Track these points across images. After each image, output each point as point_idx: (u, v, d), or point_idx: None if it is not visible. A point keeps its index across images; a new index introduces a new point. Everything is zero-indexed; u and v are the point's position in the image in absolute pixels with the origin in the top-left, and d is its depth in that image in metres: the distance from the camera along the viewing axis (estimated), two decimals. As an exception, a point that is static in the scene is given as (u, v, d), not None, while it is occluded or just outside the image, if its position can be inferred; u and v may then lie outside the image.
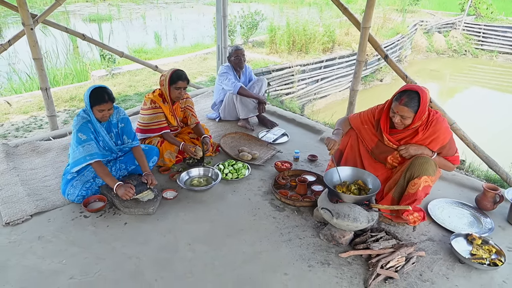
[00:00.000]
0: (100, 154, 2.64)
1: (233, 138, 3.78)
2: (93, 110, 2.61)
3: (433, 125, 2.34)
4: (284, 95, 8.38)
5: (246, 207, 2.74)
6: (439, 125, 2.34)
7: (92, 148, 2.59)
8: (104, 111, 2.61)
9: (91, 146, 2.59)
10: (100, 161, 2.62)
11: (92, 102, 2.57)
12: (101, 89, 2.60)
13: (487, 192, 2.71)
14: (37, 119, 4.86)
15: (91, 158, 2.57)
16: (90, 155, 2.57)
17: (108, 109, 2.62)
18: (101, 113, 2.61)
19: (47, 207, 2.65)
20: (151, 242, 2.36)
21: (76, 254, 2.24)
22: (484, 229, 2.54)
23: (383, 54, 3.52)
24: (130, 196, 2.57)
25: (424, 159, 2.33)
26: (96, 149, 2.61)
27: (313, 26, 9.90)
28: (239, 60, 4.01)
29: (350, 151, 2.69)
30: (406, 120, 2.32)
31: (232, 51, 4.05)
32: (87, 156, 2.56)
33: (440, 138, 2.36)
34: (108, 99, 2.59)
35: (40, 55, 3.62)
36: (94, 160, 2.57)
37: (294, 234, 2.45)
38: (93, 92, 2.58)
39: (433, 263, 2.24)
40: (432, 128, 2.34)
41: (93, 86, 2.62)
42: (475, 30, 15.17)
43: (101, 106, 2.57)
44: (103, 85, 2.67)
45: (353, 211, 2.25)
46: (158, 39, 11.50)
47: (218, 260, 2.22)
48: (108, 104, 2.60)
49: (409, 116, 2.29)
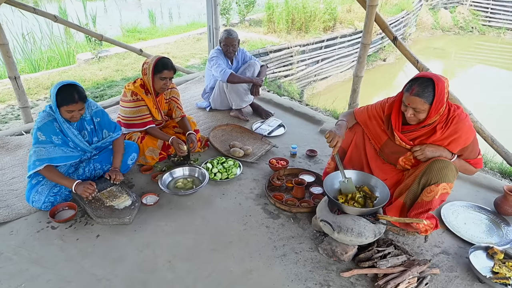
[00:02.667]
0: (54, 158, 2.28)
1: (224, 131, 3.43)
2: (60, 110, 2.26)
3: (454, 123, 1.97)
4: (282, 78, 7.95)
5: (236, 214, 2.43)
6: (462, 123, 1.97)
7: (44, 152, 2.25)
8: (74, 112, 2.27)
9: (44, 149, 2.26)
10: (49, 166, 2.27)
11: (59, 102, 2.22)
12: (70, 87, 2.25)
13: (508, 195, 2.39)
14: (14, 108, 4.51)
15: (40, 164, 2.23)
16: (39, 159, 2.24)
17: (78, 109, 2.28)
18: (70, 114, 2.27)
19: (11, 217, 2.35)
20: (125, 259, 2.06)
21: (38, 275, 1.94)
22: (505, 239, 2.24)
23: (392, 36, 3.12)
24: (90, 193, 2.32)
25: (443, 163, 1.98)
26: (48, 154, 2.26)
27: (313, 3, 9.35)
28: (226, 50, 3.60)
29: (354, 150, 2.34)
30: (420, 114, 1.96)
31: (222, 37, 3.62)
32: (36, 161, 2.24)
33: (462, 139, 2.00)
34: (78, 99, 2.24)
35: (5, 41, 3.21)
36: (42, 166, 2.24)
37: (290, 248, 2.15)
38: (60, 90, 2.22)
39: (449, 283, 1.94)
40: (453, 126, 1.98)
41: (61, 83, 2.25)
42: (483, 6, 14.48)
43: (69, 106, 2.23)
44: (73, 82, 2.31)
45: (358, 224, 1.94)
46: (152, 17, 10.93)
47: (201, 281, 1.93)
48: (78, 105, 2.25)
49: (423, 108, 1.93)
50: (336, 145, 2.05)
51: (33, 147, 2.25)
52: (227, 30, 3.60)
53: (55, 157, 2.29)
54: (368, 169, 2.30)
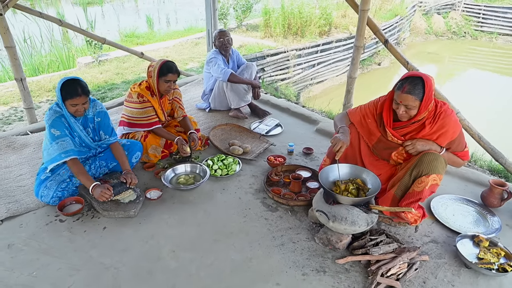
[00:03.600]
0: (76, 151, 2.42)
1: (223, 130, 3.55)
2: (65, 104, 2.38)
3: (441, 118, 2.12)
4: (279, 81, 8.11)
5: (236, 208, 2.55)
6: (448, 118, 2.12)
7: (67, 144, 2.38)
8: (78, 106, 2.38)
9: (66, 142, 2.38)
10: (76, 159, 2.41)
11: (63, 96, 2.34)
12: (73, 82, 2.36)
13: (494, 188, 2.52)
14: (17, 110, 4.61)
15: (67, 156, 2.36)
16: (65, 152, 2.36)
17: (82, 103, 2.39)
18: (74, 107, 2.38)
19: (20, 211, 2.45)
20: (131, 250, 2.16)
21: (49, 264, 2.05)
22: (491, 229, 2.37)
23: (383, 39, 3.27)
24: (107, 198, 2.37)
25: (433, 155, 2.12)
26: (71, 146, 2.40)
27: (309, 8, 9.53)
28: (222, 43, 3.75)
29: (350, 148, 2.46)
30: (411, 111, 2.10)
31: (215, 35, 3.80)
32: (62, 153, 2.35)
33: (449, 133, 2.14)
34: (82, 93, 2.36)
35: (13, 43, 3.34)
36: (69, 158, 2.36)
37: (288, 238, 2.27)
38: (64, 84, 2.34)
39: (437, 269, 2.06)
40: (440, 121, 2.12)
41: (65, 78, 2.37)
42: (475, 11, 14.80)
43: (73, 100, 2.34)
44: (76, 77, 2.42)
45: (351, 213, 2.06)
46: (150, 22, 11.09)
47: (204, 269, 2.04)
48: (81, 98, 2.36)
49: (414, 105, 2.06)
50: (340, 150, 2.18)
51: (53, 143, 2.35)
52: (217, 29, 3.82)
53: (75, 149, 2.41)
54: (362, 165, 2.43)
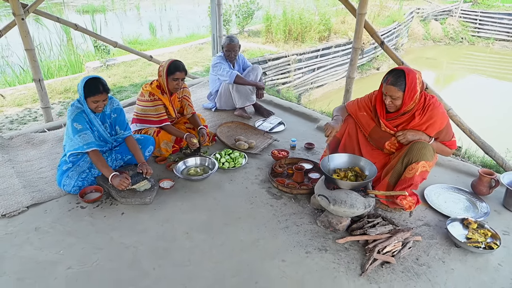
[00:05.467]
0: (96, 143, 2.63)
1: (229, 128, 3.76)
2: (87, 101, 2.59)
3: (430, 110, 2.34)
4: (280, 85, 8.34)
5: (243, 196, 2.74)
6: (436, 110, 2.33)
7: (88, 137, 2.59)
8: (99, 102, 2.59)
9: (87, 135, 2.59)
10: (97, 151, 2.61)
11: (86, 93, 2.55)
12: (95, 80, 2.58)
13: (483, 177, 2.72)
14: (31, 111, 4.82)
15: (88, 147, 2.57)
16: (87, 144, 2.57)
17: (102, 100, 2.60)
18: (95, 104, 2.59)
19: (43, 199, 2.64)
20: (148, 231, 2.36)
21: (74, 244, 2.24)
22: (480, 214, 2.56)
23: (379, 41, 3.49)
24: (125, 186, 2.56)
25: (422, 144, 2.33)
26: (92, 138, 2.61)
27: (309, 14, 9.81)
28: (229, 54, 3.96)
29: (348, 138, 2.68)
30: (396, 101, 2.33)
31: (225, 44, 3.97)
32: (84, 145, 2.57)
33: (437, 123, 2.36)
34: (103, 90, 2.57)
35: (32, 46, 3.57)
36: (91, 149, 2.57)
37: (291, 222, 2.46)
38: (87, 82, 2.55)
39: (429, 248, 2.25)
40: (429, 113, 2.34)
41: (88, 77, 2.59)
42: (471, 17, 15.09)
43: (95, 97, 2.55)
44: (97, 76, 2.64)
45: (350, 197, 2.25)
46: (153, 29, 11.36)
47: (216, 248, 2.23)
48: (102, 95, 2.57)
49: (397, 95, 2.29)
50: (330, 134, 2.43)
51: (75, 136, 2.55)
52: (229, 37, 3.97)
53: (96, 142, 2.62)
54: (360, 154, 2.63)
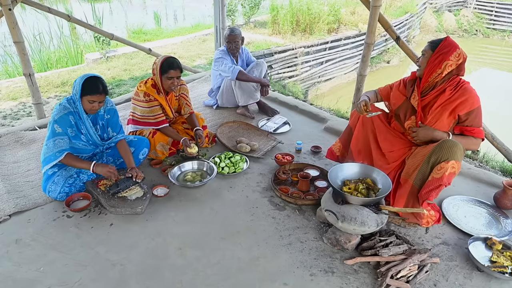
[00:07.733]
0: (69, 148, 2.43)
1: (231, 128, 3.53)
2: (82, 100, 2.38)
3: (462, 88, 2.20)
4: (287, 79, 8.06)
5: (243, 206, 2.52)
6: (469, 90, 2.20)
7: (63, 143, 2.40)
8: (95, 103, 2.39)
9: (63, 141, 2.40)
10: (69, 153, 2.42)
11: (84, 91, 2.35)
12: (96, 79, 2.39)
13: (507, 189, 2.46)
14: (26, 106, 4.63)
15: (61, 154, 2.38)
16: (59, 151, 2.38)
17: (99, 101, 2.40)
18: (91, 104, 2.39)
19: (28, 206, 2.45)
20: (138, 246, 2.15)
21: (56, 260, 2.04)
22: (504, 232, 2.31)
23: (394, 36, 3.21)
24: (114, 174, 2.45)
25: (452, 142, 2.10)
26: (66, 145, 2.41)
27: (317, 5, 9.46)
28: (230, 46, 3.71)
29: (361, 128, 2.48)
30: (424, 59, 2.23)
31: (226, 35, 3.73)
32: (56, 152, 2.37)
33: (469, 102, 2.18)
34: (102, 91, 2.38)
35: (21, 38, 3.35)
36: (63, 156, 2.38)
37: (295, 237, 2.24)
38: (87, 80, 2.36)
39: (448, 271, 2.02)
40: (461, 90, 2.19)
41: (88, 74, 2.40)
42: (487, 9, 14.56)
43: (93, 96, 2.36)
44: (98, 75, 2.44)
45: (361, 214, 2.02)
46: (157, 19, 11.10)
47: (211, 267, 2.02)
48: (100, 96, 2.39)
49: (427, 54, 2.20)
50: (367, 105, 2.35)
51: (51, 140, 2.36)
52: (230, 28, 3.73)
53: (73, 147, 2.42)
54: (376, 144, 2.43)
